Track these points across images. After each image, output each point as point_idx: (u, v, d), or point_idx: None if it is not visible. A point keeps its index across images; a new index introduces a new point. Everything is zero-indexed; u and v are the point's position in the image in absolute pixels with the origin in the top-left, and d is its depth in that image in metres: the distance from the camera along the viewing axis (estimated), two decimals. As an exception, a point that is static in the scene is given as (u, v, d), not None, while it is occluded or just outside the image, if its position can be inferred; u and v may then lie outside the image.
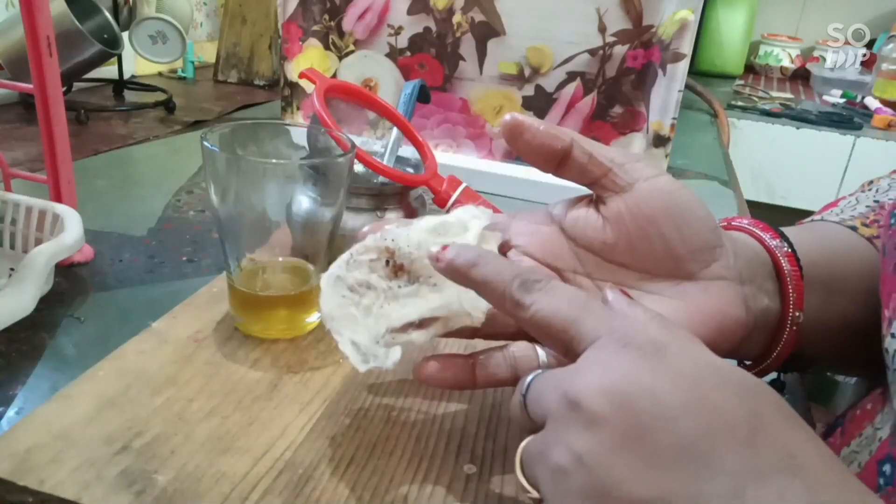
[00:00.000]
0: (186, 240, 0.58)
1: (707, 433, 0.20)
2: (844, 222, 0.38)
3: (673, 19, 0.69)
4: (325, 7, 0.77)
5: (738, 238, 0.34)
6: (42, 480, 0.28)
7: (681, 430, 0.20)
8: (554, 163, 0.32)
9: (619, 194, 0.31)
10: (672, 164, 0.93)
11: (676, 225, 0.31)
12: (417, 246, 0.31)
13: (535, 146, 0.32)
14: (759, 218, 0.37)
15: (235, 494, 0.29)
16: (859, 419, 0.34)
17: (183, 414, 0.33)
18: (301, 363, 0.39)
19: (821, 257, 0.34)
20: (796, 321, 0.33)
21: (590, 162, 0.32)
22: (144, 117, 0.97)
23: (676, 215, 0.31)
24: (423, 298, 0.31)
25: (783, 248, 0.34)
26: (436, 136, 0.81)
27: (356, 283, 0.31)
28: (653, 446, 0.21)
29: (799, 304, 0.33)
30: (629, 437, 0.21)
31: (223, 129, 0.39)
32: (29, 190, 0.51)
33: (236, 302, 0.41)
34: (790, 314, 0.33)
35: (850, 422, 0.35)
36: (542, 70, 0.74)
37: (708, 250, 0.31)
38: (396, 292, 0.31)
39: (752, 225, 0.35)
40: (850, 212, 0.40)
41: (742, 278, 0.32)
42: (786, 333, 0.33)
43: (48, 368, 0.40)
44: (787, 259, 0.33)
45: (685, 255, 0.31)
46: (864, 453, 0.32)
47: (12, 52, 0.83)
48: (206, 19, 1.47)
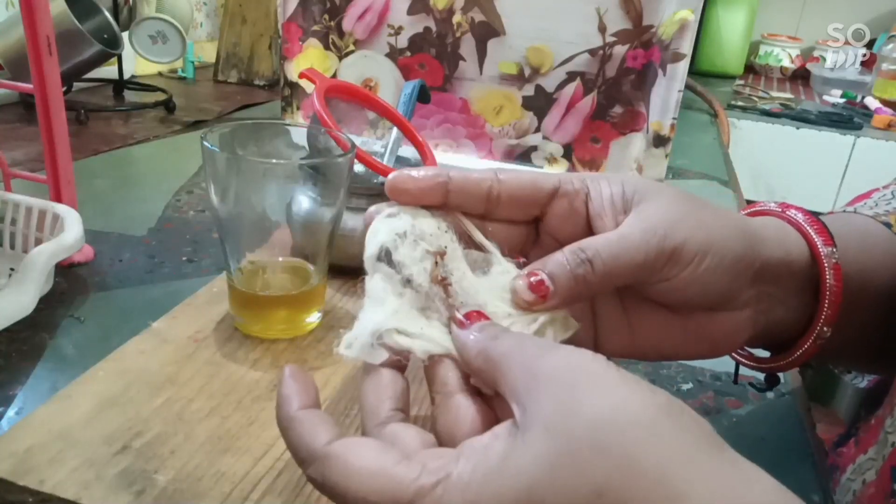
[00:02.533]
0: (186, 240, 0.58)
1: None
2: (879, 217, 0.36)
3: (673, 19, 0.69)
4: (325, 7, 0.77)
5: (779, 241, 0.31)
6: (42, 480, 0.28)
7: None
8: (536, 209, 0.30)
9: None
10: (672, 164, 0.93)
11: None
12: (475, 292, 0.28)
13: (517, 197, 0.29)
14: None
15: (235, 494, 0.29)
16: (874, 428, 0.34)
17: (183, 414, 0.33)
18: (301, 363, 0.39)
19: (855, 262, 0.32)
20: (822, 336, 0.31)
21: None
22: (144, 117, 0.97)
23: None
24: (442, 333, 0.27)
25: (833, 258, 0.31)
26: (436, 136, 0.81)
27: (402, 262, 0.28)
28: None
29: (830, 319, 0.31)
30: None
31: (223, 129, 0.39)
32: (29, 190, 0.51)
33: (236, 302, 0.41)
34: (818, 329, 0.31)
35: (865, 432, 0.35)
36: (542, 70, 0.74)
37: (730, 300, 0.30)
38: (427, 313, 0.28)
39: (807, 223, 0.32)
40: (885, 205, 0.38)
41: (760, 299, 0.30)
42: (806, 345, 0.32)
43: (48, 368, 0.40)
44: (833, 272, 0.31)
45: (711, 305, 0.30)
46: (878, 460, 0.32)
47: (12, 52, 0.83)
48: (206, 19, 1.47)
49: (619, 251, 0.27)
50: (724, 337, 0.30)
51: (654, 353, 0.32)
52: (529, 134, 0.77)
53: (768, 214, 0.34)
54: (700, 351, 0.31)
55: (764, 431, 0.41)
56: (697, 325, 0.30)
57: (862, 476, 0.33)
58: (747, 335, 0.31)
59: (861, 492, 0.32)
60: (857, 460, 0.34)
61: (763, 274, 0.30)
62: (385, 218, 0.28)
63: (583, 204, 0.30)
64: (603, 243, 0.27)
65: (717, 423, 0.40)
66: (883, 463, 0.31)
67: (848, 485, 0.34)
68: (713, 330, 0.30)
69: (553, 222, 0.30)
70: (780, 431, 0.41)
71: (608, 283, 0.27)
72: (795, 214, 0.33)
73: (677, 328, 0.30)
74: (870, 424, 0.35)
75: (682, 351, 0.31)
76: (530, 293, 0.27)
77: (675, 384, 0.44)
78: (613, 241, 0.27)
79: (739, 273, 0.29)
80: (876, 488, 0.31)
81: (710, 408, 0.42)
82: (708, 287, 0.28)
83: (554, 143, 0.76)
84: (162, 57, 1.09)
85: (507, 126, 0.77)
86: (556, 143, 0.76)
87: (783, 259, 0.31)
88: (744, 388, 0.44)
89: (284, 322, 0.41)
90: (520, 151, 0.78)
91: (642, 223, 0.28)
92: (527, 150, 0.77)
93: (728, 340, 0.31)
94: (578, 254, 0.27)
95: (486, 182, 0.29)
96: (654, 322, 0.30)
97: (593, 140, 0.75)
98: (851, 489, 0.33)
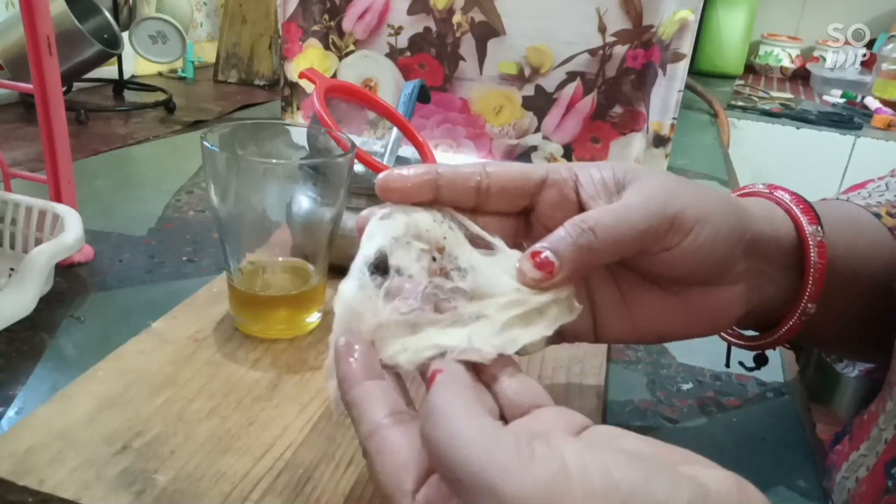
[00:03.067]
0: (186, 240, 0.58)
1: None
2: (870, 207, 0.37)
3: (673, 19, 0.69)
4: (325, 7, 0.77)
5: (766, 217, 0.32)
6: (42, 480, 0.28)
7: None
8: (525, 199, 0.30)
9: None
10: (672, 164, 0.93)
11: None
12: (484, 267, 0.28)
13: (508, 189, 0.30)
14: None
15: (235, 494, 0.29)
16: (866, 424, 0.34)
17: (183, 414, 0.33)
18: (301, 363, 0.39)
19: (844, 247, 0.33)
20: (807, 312, 0.32)
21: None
22: (144, 117, 0.97)
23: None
24: (443, 332, 0.27)
25: (818, 236, 0.32)
26: (436, 136, 0.80)
27: (398, 266, 0.27)
28: None
29: (814, 296, 0.32)
30: None
31: (223, 129, 0.39)
32: (29, 190, 0.51)
33: (236, 302, 0.41)
34: (802, 305, 0.32)
35: (857, 428, 0.35)
36: (542, 70, 0.74)
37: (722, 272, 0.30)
38: (431, 316, 0.27)
39: (793, 202, 0.33)
40: (877, 196, 0.39)
41: (752, 274, 0.31)
42: (791, 322, 0.33)
43: (48, 368, 0.40)
44: (817, 250, 0.31)
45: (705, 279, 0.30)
46: (871, 456, 0.32)
47: (12, 52, 0.83)
48: (206, 19, 1.47)
49: (621, 217, 0.27)
50: (720, 312, 0.31)
51: (652, 335, 0.32)
52: (529, 134, 0.77)
53: (756, 195, 0.35)
54: (697, 328, 0.32)
55: (764, 431, 0.41)
56: (693, 302, 0.31)
57: (855, 473, 0.33)
58: (742, 311, 0.31)
59: (855, 490, 0.33)
60: (850, 457, 0.34)
61: (753, 248, 0.31)
62: (379, 220, 0.28)
63: (573, 191, 0.30)
64: (603, 212, 0.28)
65: (717, 423, 0.41)
66: (876, 460, 0.31)
67: (843, 483, 0.34)
68: (709, 306, 0.31)
69: (544, 211, 0.30)
70: (780, 431, 0.41)
71: (613, 250, 0.28)
72: (782, 195, 0.33)
73: (674, 307, 0.31)
74: (862, 420, 0.35)
75: (681, 329, 0.32)
76: (537, 271, 0.27)
77: (675, 384, 0.44)
78: (615, 209, 0.28)
79: (734, 245, 0.30)
80: (868, 485, 0.31)
81: (710, 408, 0.42)
82: (706, 258, 0.29)
83: (554, 143, 0.76)
84: (162, 57, 1.09)
85: (507, 126, 0.77)
86: (556, 143, 0.76)
87: (771, 235, 0.31)
88: (744, 387, 0.44)
89: (284, 322, 0.41)
90: (520, 151, 0.78)
91: (641, 193, 0.28)
92: (527, 150, 0.77)
93: (723, 316, 0.31)
94: (580, 224, 0.27)
95: (475, 175, 0.29)
96: (652, 303, 0.31)
97: (593, 140, 0.75)
98: (846, 487, 0.33)
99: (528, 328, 0.27)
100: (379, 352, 0.26)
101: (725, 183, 0.93)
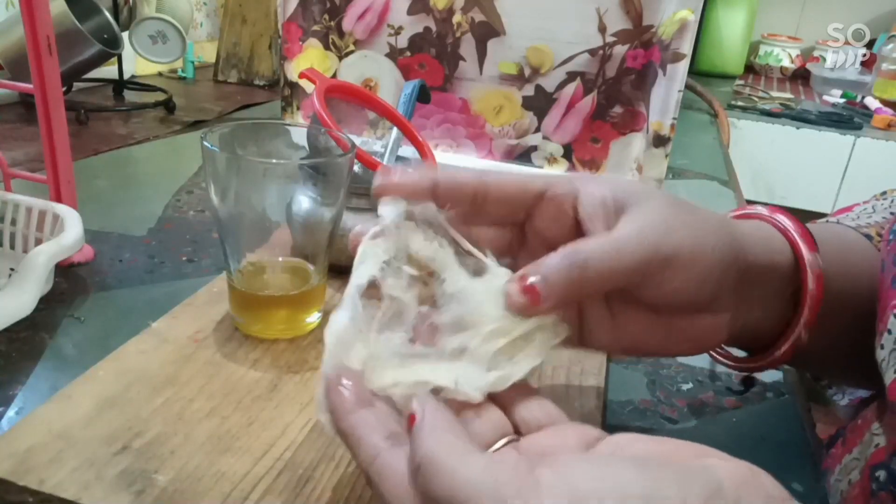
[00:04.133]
0: (186, 240, 0.58)
1: None
2: (861, 228, 0.37)
3: (673, 19, 0.69)
4: (325, 7, 0.77)
5: (763, 242, 0.32)
6: (42, 480, 0.28)
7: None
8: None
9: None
10: (672, 164, 0.93)
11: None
12: (469, 295, 0.28)
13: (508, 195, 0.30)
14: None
15: (235, 494, 0.29)
16: (860, 428, 0.34)
17: (183, 414, 0.33)
18: (301, 363, 0.39)
19: (837, 269, 0.32)
20: (799, 340, 0.32)
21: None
22: (144, 117, 0.97)
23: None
24: (432, 367, 0.27)
25: (816, 266, 0.31)
26: (436, 136, 0.80)
27: (390, 295, 0.28)
28: None
29: (808, 324, 0.32)
30: None
31: (223, 129, 0.39)
32: (29, 190, 0.51)
33: (236, 302, 0.41)
34: (795, 332, 0.32)
35: (851, 431, 0.35)
36: (542, 70, 0.74)
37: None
38: (419, 350, 0.27)
39: (794, 230, 0.33)
40: (865, 219, 0.39)
41: (740, 300, 0.31)
42: (784, 348, 0.32)
43: (48, 368, 0.40)
44: (815, 280, 0.31)
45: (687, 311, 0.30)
46: (862, 460, 0.32)
47: (12, 52, 0.83)
48: (206, 19, 1.47)
49: (613, 256, 0.27)
50: (705, 336, 0.31)
51: (635, 349, 0.33)
52: (529, 134, 0.77)
53: (757, 218, 0.35)
54: (680, 350, 0.32)
55: (764, 431, 0.41)
56: (680, 326, 0.30)
57: (847, 476, 0.33)
58: (726, 334, 0.31)
59: (847, 492, 0.33)
60: (843, 460, 0.34)
61: (746, 277, 0.30)
62: (370, 241, 0.29)
63: (571, 207, 0.30)
64: (596, 247, 0.27)
65: (717, 423, 0.41)
66: (865, 464, 0.31)
67: (836, 485, 0.34)
68: (694, 331, 0.31)
69: (540, 224, 0.30)
70: (780, 431, 0.41)
71: (601, 287, 0.28)
72: (783, 220, 0.33)
73: (660, 328, 0.31)
74: (856, 424, 0.35)
75: (664, 349, 0.32)
76: (523, 296, 0.26)
77: (675, 384, 0.44)
78: (607, 246, 0.27)
79: (725, 279, 0.29)
80: (860, 489, 0.31)
81: (710, 408, 0.42)
82: (695, 293, 0.29)
83: (554, 143, 0.76)
84: (162, 57, 1.09)
85: (507, 126, 0.77)
86: (556, 143, 0.76)
87: (767, 265, 0.31)
88: (744, 387, 0.44)
89: (284, 322, 0.41)
90: (520, 151, 0.78)
91: (636, 229, 0.28)
92: (527, 150, 0.77)
93: (707, 339, 0.31)
94: (572, 255, 0.27)
95: (471, 184, 0.29)
96: (638, 322, 0.31)
97: (593, 140, 0.75)
98: (839, 489, 0.34)
99: (516, 360, 0.27)
100: (369, 382, 0.26)
101: (725, 183, 0.93)
